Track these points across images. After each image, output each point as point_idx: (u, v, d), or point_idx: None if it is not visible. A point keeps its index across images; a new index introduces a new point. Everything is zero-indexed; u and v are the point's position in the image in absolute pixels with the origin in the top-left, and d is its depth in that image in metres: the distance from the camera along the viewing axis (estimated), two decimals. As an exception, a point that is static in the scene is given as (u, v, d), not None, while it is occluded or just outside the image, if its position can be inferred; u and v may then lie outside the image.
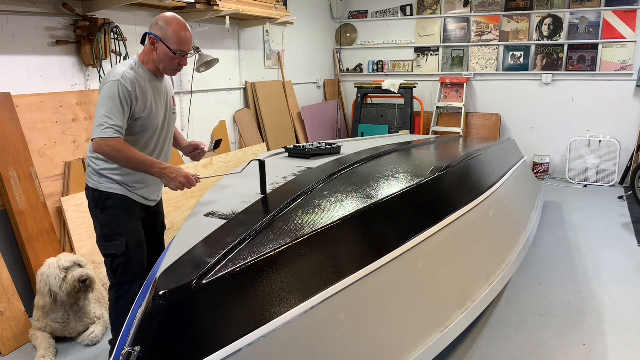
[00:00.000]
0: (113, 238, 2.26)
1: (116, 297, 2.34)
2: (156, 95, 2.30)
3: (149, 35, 2.24)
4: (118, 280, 2.31)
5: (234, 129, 5.41)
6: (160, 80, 2.33)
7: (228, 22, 4.61)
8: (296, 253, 1.79)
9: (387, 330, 2.04)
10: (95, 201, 2.28)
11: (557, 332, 2.84)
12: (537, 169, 6.67)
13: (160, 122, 2.34)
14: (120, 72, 2.16)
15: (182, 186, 2.15)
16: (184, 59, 2.27)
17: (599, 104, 6.29)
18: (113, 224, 2.26)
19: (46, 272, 2.73)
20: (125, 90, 2.13)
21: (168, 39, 2.19)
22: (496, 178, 3.49)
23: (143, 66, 2.26)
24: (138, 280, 2.30)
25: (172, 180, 2.15)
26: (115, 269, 2.29)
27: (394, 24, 7.29)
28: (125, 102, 2.13)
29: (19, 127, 3.08)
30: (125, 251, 2.26)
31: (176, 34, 2.20)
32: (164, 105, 2.36)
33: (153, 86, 2.28)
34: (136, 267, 2.32)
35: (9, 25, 3.13)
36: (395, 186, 2.52)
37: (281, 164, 3.22)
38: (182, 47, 2.22)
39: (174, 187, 2.17)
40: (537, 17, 6.43)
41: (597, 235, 4.43)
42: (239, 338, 1.52)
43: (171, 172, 2.15)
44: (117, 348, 1.63)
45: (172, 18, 2.23)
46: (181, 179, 2.14)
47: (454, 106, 6.76)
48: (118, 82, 2.12)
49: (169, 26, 2.20)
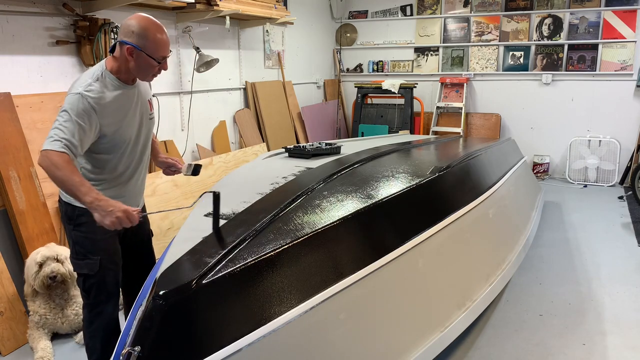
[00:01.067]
0: (86, 257, 2.10)
1: (89, 318, 2.18)
2: (126, 104, 2.10)
3: (124, 45, 2.01)
4: (91, 301, 2.16)
5: (234, 129, 5.41)
6: (131, 87, 2.13)
7: (228, 22, 4.61)
8: (296, 253, 1.79)
9: (387, 330, 2.04)
10: (68, 216, 2.11)
11: (557, 332, 2.84)
12: (537, 169, 6.67)
13: (135, 132, 2.16)
14: (84, 85, 1.97)
15: (120, 223, 1.82)
16: (165, 63, 2.11)
17: (599, 104, 6.29)
18: (86, 242, 2.10)
19: (27, 262, 2.86)
20: (87, 106, 1.93)
21: (148, 47, 2.01)
22: (496, 178, 3.49)
23: (111, 75, 2.05)
24: (112, 300, 2.19)
25: (108, 215, 1.80)
26: (89, 289, 2.14)
27: (394, 24, 7.29)
28: (86, 118, 1.92)
29: (19, 127, 3.08)
30: (99, 271, 2.10)
31: (155, 40, 2.02)
32: (137, 113, 2.17)
33: (123, 96, 2.08)
34: (110, 287, 2.17)
35: (9, 25, 3.13)
36: (395, 186, 2.52)
37: (281, 164, 3.22)
38: (163, 52, 2.07)
39: (109, 224, 1.81)
40: (537, 17, 6.43)
41: (597, 235, 4.43)
42: (239, 338, 1.52)
43: (107, 206, 1.81)
44: (117, 348, 1.63)
45: (147, 22, 2.03)
46: (119, 213, 1.81)
47: (454, 106, 6.76)
48: (80, 96, 1.93)
49: (147, 32, 2.01)
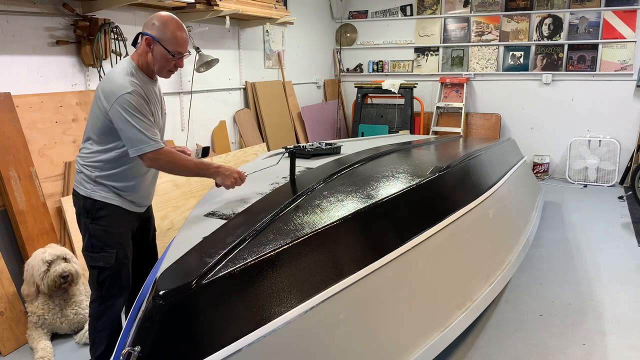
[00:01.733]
0: (102, 250, 2.15)
1: (99, 311, 2.22)
2: (153, 96, 2.20)
3: (143, 36, 2.12)
4: (104, 294, 2.20)
5: (234, 129, 5.41)
6: (154, 83, 2.24)
7: (228, 22, 4.61)
8: (296, 253, 1.79)
9: (387, 330, 2.04)
10: (87, 210, 2.16)
11: (557, 332, 2.84)
12: (537, 169, 6.67)
13: (160, 124, 2.28)
14: (127, 82, 2.05)
15: (235, 182, 2.24)
16: (180, 60, 2.18)
17: (599, 104, 6.29)
18: (104, 234, 2.16)
19: (31, 262, 2.76)
20: (140, 99, 2.05)
21: (165, 40, 2.09)
22: (496, 178, 3.49)
23: (139, 70, 2.15)
24: (124, 295, 2.23)
25: (227, 177, 2.22)
26: (102, 282, 2.18)
27: (394, 24, 7.29)
28: (145, 110, 2.06)
29: (19, 127, 3.08)
30: (114, 264, 2.16)
31: (174, 34, 2.10)
32: (159, 108, 2.28)
33: (150, 90, 2.18)
34: (124, 281, 2.23)
35: (9, 25, 3.13)
36: (395, 186, 2.52)
37: (281, 164, 3.22)
38: (180, 48, 2.13)
39: (229, 184, 2.23)
40: (537, 17, 6.43)
41: (597, 235, 4.43)
42: (239, 338, 1.52)
43: (225, 170, 2.22)
44: (117, 348, 1.63)
45: (169, 18, 2.12)
46: (235, 174, 2.23)
47: (454, 106, 6.76)
48: (130, 95, 2.02)
49: (167, 26, 2.09)
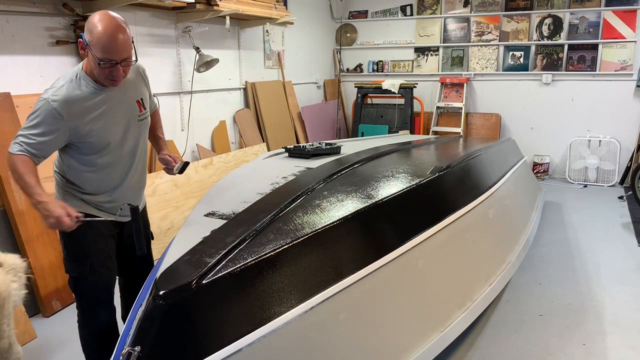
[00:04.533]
0: (77, 259, 2.09)
1: (82, 320, 2.20)
2: (104, 107, 2.00)
3: (79, 39, 1.92)
4: (83, 303, 2.17)
5: (234, 129, 5.41)
6: (110, 90, 2.01)
7: (228, 22, 4.61)
8: (296, 253, 1.79)
9: (387, 330, 2.04)
10: None
11: (557, 332, 2.84)
12: (537, 169, 6.67)
13: (120, 134, 2.08)
14: (53, 89, 1.93)
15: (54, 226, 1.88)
16: (114, 68, 1.89)
17: (598, 104, 6.29)
18: (76, 244, 2.08)
19: None
20: (53, 112, 1.88)
21: (92, 44, 1.85)
22: (496, 178, 3.49)
23: (87, 77, 1.97)
24: (104, 304, 2.19)
25: (45, 218, 1.88)
26: (79, 292, 2.15)
27: (393, 24, 7.29)
28: (50, 124, 1.89)
29: (18, 127, 3.07)
30: (89, 274, 2.10)
31: (99, 38, 1.83)
32: (121, 114, 2.07)
33: (98, 97, 1.99)
34: (101, 290, 2.16)
35: (9, 25, 3.13)
36: (395, 186, 2.52)
37: (281, 164, 3.22)
38: (106, 54, 1.85)
39: (47, 225, 1.90)
40: (537, 17, 6.43)
41: (597, 235, 4.43)
42: (239, 338, 1.52)
43: (44, 209, 1.85)
44: (117, 348, 1.63)
45: (100, 17, 1.85)
46: (51, 220, 1.85)
47: (454, 106, 6.76)
48: (46, 102, 1.89)
49: (95, 28, 1.84)
